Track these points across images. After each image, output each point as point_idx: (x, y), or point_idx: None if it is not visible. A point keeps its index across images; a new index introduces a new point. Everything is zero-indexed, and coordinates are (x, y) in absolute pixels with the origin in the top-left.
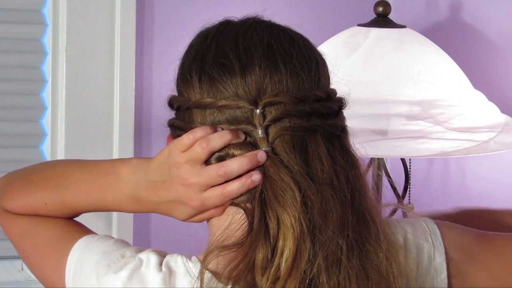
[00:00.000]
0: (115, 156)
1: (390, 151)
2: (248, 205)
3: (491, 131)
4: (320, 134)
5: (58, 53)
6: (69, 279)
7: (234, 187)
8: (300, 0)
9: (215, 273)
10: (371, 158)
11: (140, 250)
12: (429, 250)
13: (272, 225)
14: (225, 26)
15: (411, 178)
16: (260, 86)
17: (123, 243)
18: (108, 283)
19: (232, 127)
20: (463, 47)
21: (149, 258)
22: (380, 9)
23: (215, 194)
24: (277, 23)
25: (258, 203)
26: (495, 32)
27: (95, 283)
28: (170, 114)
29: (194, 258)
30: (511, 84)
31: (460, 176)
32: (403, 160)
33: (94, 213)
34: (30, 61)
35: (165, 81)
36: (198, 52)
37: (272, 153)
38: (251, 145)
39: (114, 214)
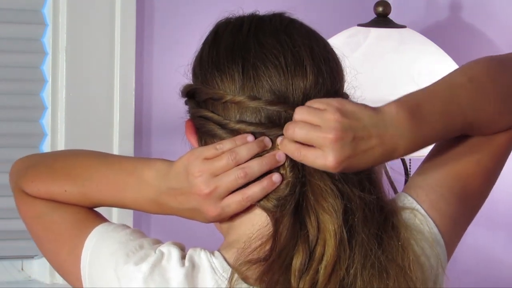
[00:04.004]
0: None
1: None
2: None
3: None
4: None
5: (58, 53)
6: (85, 267)
7: (255, 190)
8: (300, 0)
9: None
10: None
11: (158, 242)
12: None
13: (312, 230)
14: (257, 22)
15: None
16: (305, 91)
17: (140, 233)
18: (128, 273)
19: (263, 130)
20: (463, 47)
21: (170, 251)
22: (380, 9)
23: (235, 201)
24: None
25: (294, 207)
26: (495, 32)
27: (112, 273)
28: (171, 112)
29: (217, 253)
30: None
31: None
32: (403, 160)
33: None
34: (30, 61)
35: (166, 79)
36: (235, 42)
37: None
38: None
39: (114, 214)
